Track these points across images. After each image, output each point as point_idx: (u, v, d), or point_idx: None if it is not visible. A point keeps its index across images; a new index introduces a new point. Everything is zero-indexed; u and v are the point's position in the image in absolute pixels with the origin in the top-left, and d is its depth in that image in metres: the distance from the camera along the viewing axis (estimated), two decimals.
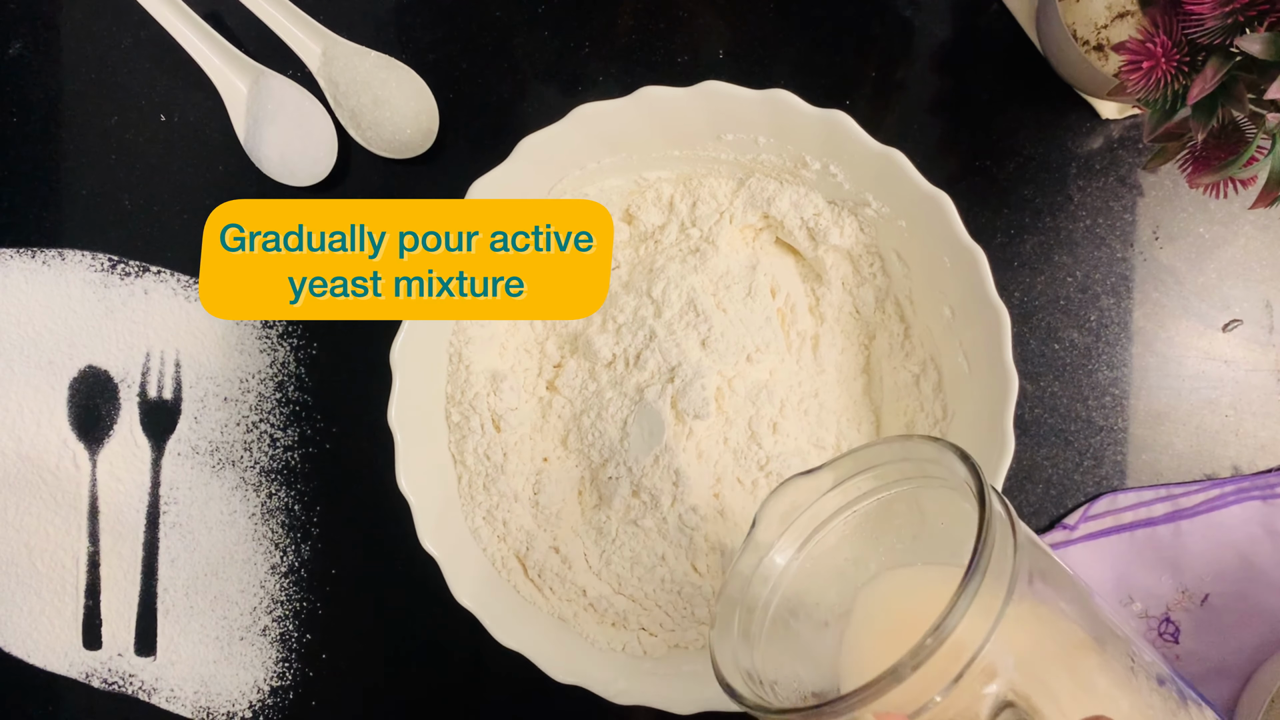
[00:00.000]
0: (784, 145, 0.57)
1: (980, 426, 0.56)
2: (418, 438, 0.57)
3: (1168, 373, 0.66)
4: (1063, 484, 0.66)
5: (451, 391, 0.59)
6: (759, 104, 0.55)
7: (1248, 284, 0.66)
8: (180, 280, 0.68)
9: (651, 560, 0.59)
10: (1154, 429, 0.66)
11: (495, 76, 0.68)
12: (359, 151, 0.67)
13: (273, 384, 0.68)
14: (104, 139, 0.69)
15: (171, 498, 0.68)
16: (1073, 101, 0.65)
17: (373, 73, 0.65)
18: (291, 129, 0.66)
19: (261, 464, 0.68)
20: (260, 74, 0.66)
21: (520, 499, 0.59)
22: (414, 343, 0.56)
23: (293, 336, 0.68)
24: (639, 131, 0.57)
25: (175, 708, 0.68)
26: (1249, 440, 0.66)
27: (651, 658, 0.59)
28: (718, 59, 0.67)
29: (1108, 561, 0.65)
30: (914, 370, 0.60)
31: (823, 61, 0.67)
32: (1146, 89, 0.48)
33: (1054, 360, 0.66)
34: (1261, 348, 0.66)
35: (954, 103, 0.66)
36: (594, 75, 0.67)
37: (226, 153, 0.68)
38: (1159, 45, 0.46)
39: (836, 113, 0.54)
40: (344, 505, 0.67)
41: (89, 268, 0.68)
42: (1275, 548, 0.65)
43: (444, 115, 0.67)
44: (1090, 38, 0.61)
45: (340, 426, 0.68)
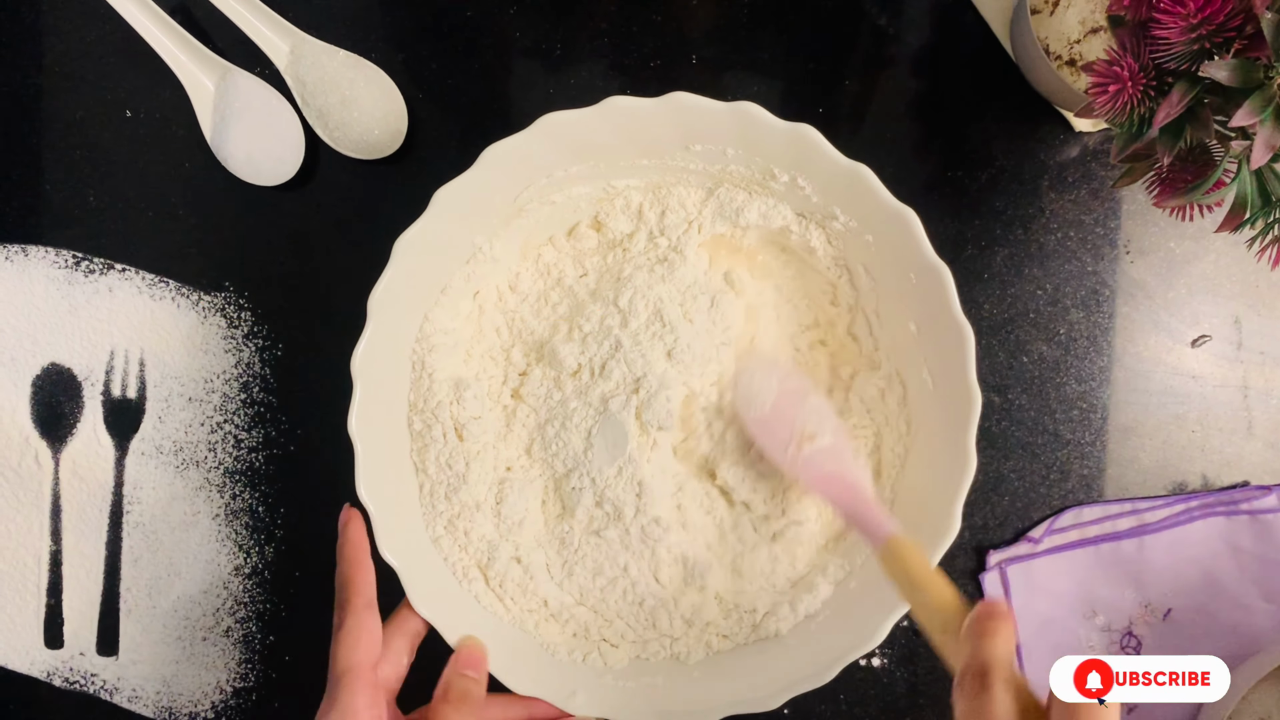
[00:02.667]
0: (752, 157, 0.56)
1: (943, 442, 0.56)
2: (379, 446, 0.56)
3: (1136, 387, 0.66)
4: (1028, 497, 0.66)
5: (414, 399, 0.59)
6: (727, 116, 0.54)
7: (1217, 300, 0.66)
8: (145, 278, 0.67)
9: (614, 571, 0.59)
10: (1121, 443, 0.66)
11: (465, 78, 0.67)
12: (326, 151, 0.66)
13: (237, 384, 0.67)
14: (69, 134, 0.68)
15: (135, 497, 0.68)
16: (1046, 113, 0.65)
17: (341, 72, 0.65)
18: (258, 127, 0.65)
19: (226, 465, 0.67)
20: (227, 71, 0.66)
21: (482, 508, 0.59)
22: (376, 350, 0.55)
23: (258, 337, 0.67)
24: (606, 140, 0.56)
25: (137, 708, 0.67)
26: (1215, 456, 0.66)
27: (613, 670, 0.59)
28: (691, 64, 0.67)
29: (1072, 574, 0.65)
30: (879, 384, 0.60)
31: (797, 69, 0.66)
32: (1113, 111, 0.47)
33: (1022, 373, 0.66)
34: (1229, 364, 0.66)
35: (927, 112, 0.66)
36: (565, 78, 0.67)
37: (193, 150, 0.67)
38: (1126, 69, 0.46)
39: (804, 126, 0.54)
40: (308, 508, 0.67)
41: (52, 264, 0.68)
42: (1238, 564, 0.65)
43: (413, 116, 0.66)
44: (1063, 52, 0.60)
45: (305, 429, 0.67)
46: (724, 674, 0.58)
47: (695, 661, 0.59)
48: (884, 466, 0.59)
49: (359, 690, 0.50)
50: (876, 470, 0.60)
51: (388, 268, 0.55)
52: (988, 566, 0.65)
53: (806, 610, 0.59)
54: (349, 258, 0.66)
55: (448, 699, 0.53)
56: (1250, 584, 0.65)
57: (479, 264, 0.59)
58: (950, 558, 0.55)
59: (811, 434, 0.57)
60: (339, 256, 0.67)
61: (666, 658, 0.59)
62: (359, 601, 0.53)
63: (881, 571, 0.51)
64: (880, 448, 0.60)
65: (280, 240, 0.67)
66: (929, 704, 0.66)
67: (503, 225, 0.59)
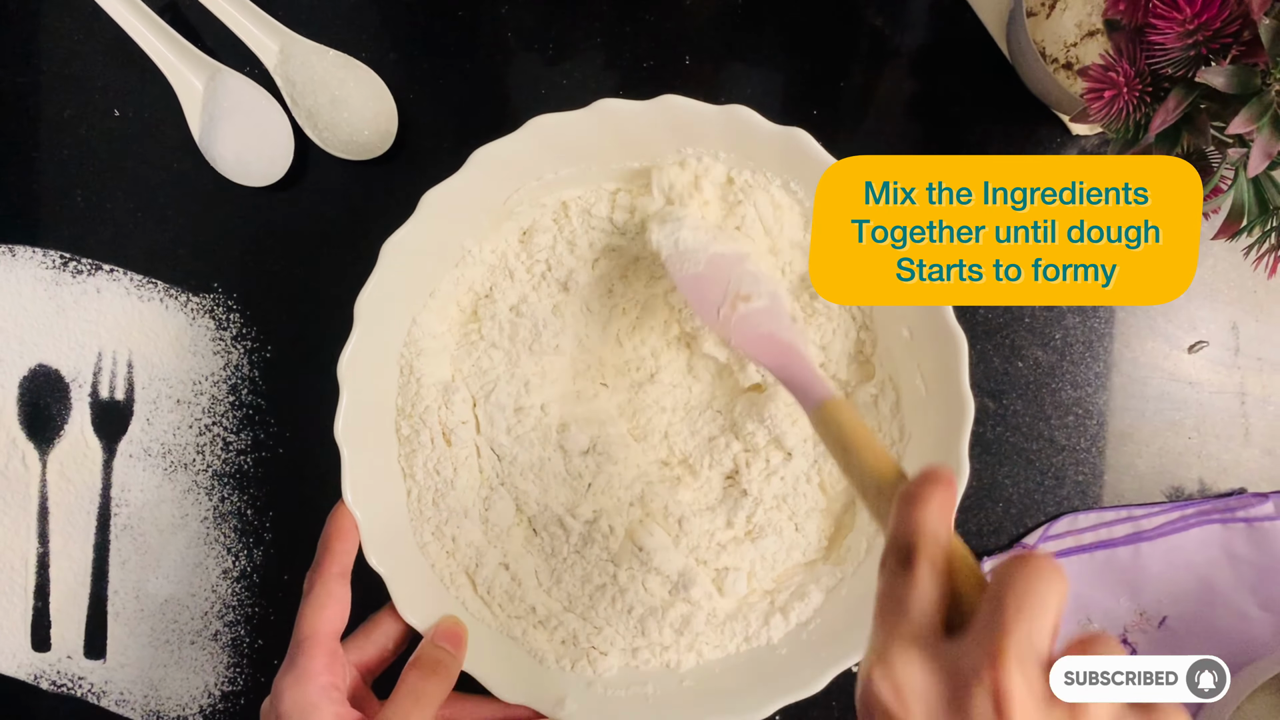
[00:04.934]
0: (744, 160, 0.56)
1: (936, 450, 0.55)
2: (366, 451, 0.56)
3: (1132, 393, 0.65)
4: (1023, 503, 0.65)
5: (402, 404, 0.58)
6: (718, 119, 0.53)
7: (1215, 305, 0.65)
8: (133, 279, 0.67)
9: (603, 579, 0.59)
10: (1117, 450, 0.65)
11: (457, 77, 0.66)
12: (316, 152, 0.66)
13: (226, 387, 0.67)
14: (57, 133, 0.67)
15: (123, 499, 0.67)
16: (1043, 116, 0.64)
17: (331, 71, 0.64)
18: (248, 128, 0.65)
19: (214, 467, 0.67)
20: (216, 71, 0.65)
21: (470, 515, 0.59)
22: (363, 354, 0.55)
23: (246, 339, 0.66)
24: (597, 143, 0.55)
25: (124, 711, 0.67)
26: (1211, 463, 0.65)
27: (603, 678, 0.58)
28: (684, 64, 0.66)
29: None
30: (872, 391, 0.59)
31: (792, 69, 0.66)
32: (1109, 117, 0.47)
33: (1017, 378, 0.65)
34: (1227, 370, 0.65)
35: (923, 114, 0.65)
36: (557, 78, 0.66)
37: (181, 151, 0.66)
38: (1121, 74, 0.45)
39: (796, 130, 0.53)
40: (297, 511, 0.67)
41: (40, 265, 0.67)
42: (1235, 572, 0.64)
43: (404, 116, 0.65)
44: (1059, 55, 0.60)
45: (294, 431, 0.67)
46: (715, 682, 0.58)
47: (686, 670, 0.58)
48: None
49: (317, 655, 0.50)
50: None
51: (375, 271, 0.54)
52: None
53: (798, 618, 0.58)
54: (338, 259, 0.65)
55: (417, 665, 0.52)
56: (1247, 592, 0.64)
57: (468, 267, 0.59)
58: None
59: (746, 294, 0.53)
60: (328, 258, 0.66)
61: (657, 666, 0.59)
62: (333, 569, 0.52)
63: (816, 435, 0.48)
64: None
65: (269, 241, 0.67)
66: None
67: (492, 228, 0.58)
